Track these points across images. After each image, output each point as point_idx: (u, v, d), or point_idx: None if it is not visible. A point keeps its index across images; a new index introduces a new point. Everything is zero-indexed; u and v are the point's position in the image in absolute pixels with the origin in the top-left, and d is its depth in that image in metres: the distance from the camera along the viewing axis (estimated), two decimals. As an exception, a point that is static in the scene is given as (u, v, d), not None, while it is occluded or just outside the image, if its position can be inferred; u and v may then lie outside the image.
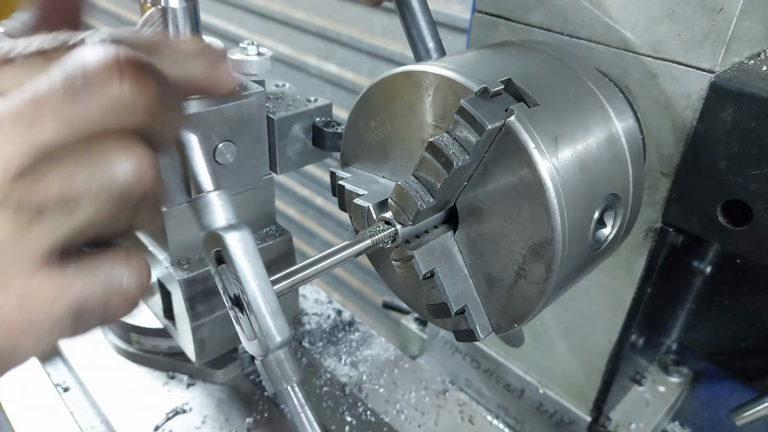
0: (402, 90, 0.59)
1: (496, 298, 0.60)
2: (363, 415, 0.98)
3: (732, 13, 0.59)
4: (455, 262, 0.60)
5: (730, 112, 0.62)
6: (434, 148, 0.52)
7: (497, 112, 0.52)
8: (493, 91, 0.53)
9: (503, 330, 0.62)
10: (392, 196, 0.55)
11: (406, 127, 0.60)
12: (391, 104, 0.60)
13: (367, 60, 2.34)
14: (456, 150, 0.52)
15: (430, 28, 0.66)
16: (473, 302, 0.61)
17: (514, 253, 0.57)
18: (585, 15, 0.70)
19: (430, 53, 0.66)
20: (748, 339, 0.92)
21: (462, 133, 0.51)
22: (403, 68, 0.59)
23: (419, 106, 0.58)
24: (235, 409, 0.99)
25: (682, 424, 1.04)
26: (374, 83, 0.61)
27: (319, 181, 2.81)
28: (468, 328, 0.60)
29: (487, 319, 0.62)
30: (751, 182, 0.62)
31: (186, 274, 0.84)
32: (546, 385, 0.96)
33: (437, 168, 0.52)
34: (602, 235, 0.63)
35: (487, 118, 0.50)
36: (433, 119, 0.57)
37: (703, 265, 0.90)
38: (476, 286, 0.61)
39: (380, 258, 0.70)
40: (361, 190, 0.62)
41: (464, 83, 0.53)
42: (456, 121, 0.51)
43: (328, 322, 1.19)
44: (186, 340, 0.91)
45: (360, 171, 0.67)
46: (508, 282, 0.58)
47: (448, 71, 0.55)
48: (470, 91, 0.53)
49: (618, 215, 0.64)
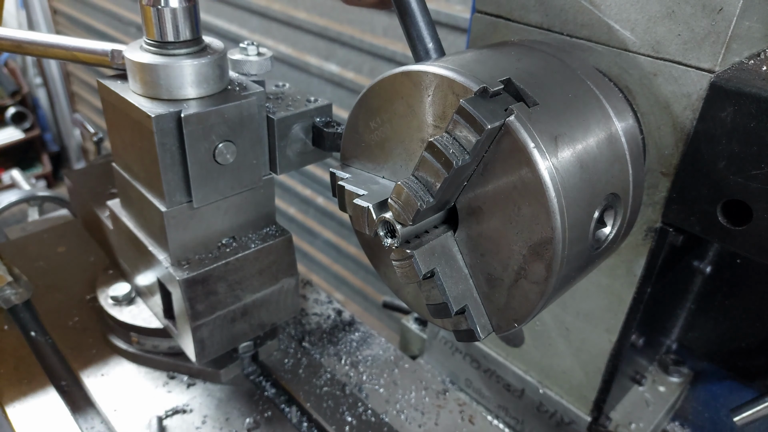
0: (402, 90, 0.59)
1: (497, 297, 0.60)
2: (363, 415, 0.98)
3: (732, 13, 0.59)
4: (455, 262, 0.60)
5: (730, 112, 0.61)
6: (434, 148, 0.52)
7: (497, 112, 0.52)
8: (492, 90, 0.53)
9: (503, 330, 0.62)
10: (392, 196, 0.55)
11: (405, 127, 0.60)
12: (391, 104, 0.60)
13: (369, 60, 2.34)
14: (456, 150, 0.51)
15: (429, 28, 0.67)
16: (473, 302, 0.61)
17: (514, 252, 0.57)
18: (585, 15, 0.70)
19: (429, 53, 0.67)
20: (748, 339, 0.92)
21: (462, 133, 0.51)
22: (403, 68, 0.59)
23: (419, 106, 0.58)
24: (235, 409, 0.99)
25: (682, 424, 1.04)
26: (373, 83, 0.61)
27: (320, 180, 2.81)
28: (468, 328, 0.60)
29: (488, 319, 0.61)
30: (751, 182, 0.62)
31: (186, 274, 0.84)
32: (546, 385, 0.96)
33: (437, 168, 0.52)
34: (602, 234, 0.63)
35: (486, 118, 0.50)
36: (432, 119, 0.57)
37: (703, 265, 0.90)
38: (476, 285, 0.61)
39: (380, 257, 0.70)
40: (360, 191, 0.62)
41: (464, 83, 0.54)
42: (455, 121, 0.51)
43: (328, 322, 1.19)
44: (186, 340, 0.91)
45: (360, 171, 0.67)
46: (509, 281, 0.58)
47: (447, 71, 0.55)
48: (470, 90, 0.53)
49: (618, 214, 0.64)
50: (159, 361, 1.04)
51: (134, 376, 1.03)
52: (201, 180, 0.80)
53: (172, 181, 0.80)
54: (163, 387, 1.02)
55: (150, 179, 0.83)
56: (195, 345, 0.89)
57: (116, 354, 1.07)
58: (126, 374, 1.04)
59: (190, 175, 0.79)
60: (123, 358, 1.06)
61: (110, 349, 1.07)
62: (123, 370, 1.04)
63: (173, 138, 0.76)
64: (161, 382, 1.03)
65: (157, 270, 0.90)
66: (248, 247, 0.90)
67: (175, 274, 0.84)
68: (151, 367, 1.05)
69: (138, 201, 0.89)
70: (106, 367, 1.04)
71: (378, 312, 2.76)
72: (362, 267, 2.81)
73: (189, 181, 0.80)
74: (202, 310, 0.87)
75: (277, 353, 1.09)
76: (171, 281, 0.86)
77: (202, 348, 0.90)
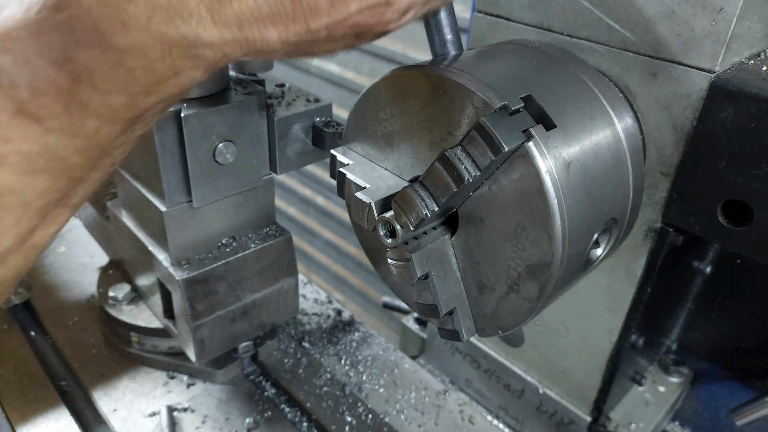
0: (419, 89, 0.57)
1: (485, 304, 0.61)
2: (363, 415, 0.98)
3: (732, 13, 0.59)
4: (449, 265, 0.60)
5: (730, 112, 0.61)
6: (446, 160, 0.51)
7: (515, 133, 0.51)
8: (512, 109, 0.52)
9: (487, 333, 0.63)
10: (397, 200, 0.55)
11: (416, 126, 0.59)
12: (405, 100, 0.59)
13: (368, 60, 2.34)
14: (468, 166, 0.51)
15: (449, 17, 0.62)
16: (462, 305, 0.61)
17: (509, 268, 0.57)
18: (585, 15, 0.70)
19: (446, 45, 0.62)
20: (748, 339, 0.92)
21: (477, 150, 0.51)
22: (423, 67, 0.57)
23: (434, 110, 0.56)
24: (235, 409, 0.99)
25: (682, 424, 1.04)
26: (389, 75, 0.60)
27: (320, 180, 2.81)
28: (453, 328, 0.61)
29: (473, 322, 0.62)
30: (751, 182, 0.62)
31: (186, 274, 0.84)
32: (546, 385, 0.96)
33: (447, 181, 0.52)
34: (594, 254, 0.63)
35: (504, 140, 0.49)
36: (446, 125, 0.56)
37: (703, 265, 0.90)
38: (466, 289, 0.61)
39: (379, 257, 0.70)
40: (363, 182, 0.60)
41: (485, 98, 0.52)
42: (472, 137, 0.50)
43: (328, 322, 1.19)
44: (186, 340, 0.91)
45: (361, 157, 0.65)
46: (500, 293, 0.59)
47: (469, 83, 0.53)
48: (490, 106, 0.52)
49: (612, 236, 0.64)
50: (159, 361, 1.04)
51: (134, 376, 1.03)
52: (201, 180, 0.80)
53: (172, 181, 0.80)
54: (163, 387, 1.02)
55: (150, 179, 0.83)
56: (195, 345, 0.89)
57: (116, 354, 1.07)
58: (126, 374, 1.04)
59: (190, 175, 0.79)
60: (123, 358, 1.06)
61: (110, 349, 1.07)
62: (123, 370, 1.04)
63: (173, 138, 0.76)
64: (161, 382, 1.03)
65: (157, 270, 0.90)
66: (248, 247, 0.90)
67: (175, 273, 0.84)
68: (151, 367, 1.05)
69: (138, 201, 0.89)
70: (106, 367, 1.04)
71: (378, 312, 2.76)
72: (362, 267, 2.81)
73: (189, 180, 0.80)
74: (202, 310, 0.87)
75: (276, 353, 1.09)
76: (171, 281, 0.86)
77: (202, 348, 0.90)
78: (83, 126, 0.44)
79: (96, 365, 1.05)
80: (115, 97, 0.44)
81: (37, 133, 0.42)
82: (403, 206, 0.54)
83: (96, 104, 0.43)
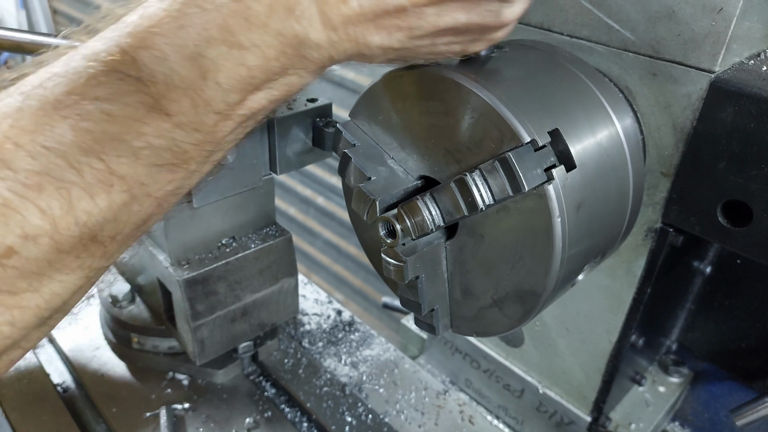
0: (445, 95, 0.55)
1: (466, 309, 0.61)
2: (363, 416, 0.98)
3: (732, 13, 0.59)
4: (439, 268, 0.61)
5: (729, 113, 0.61)
6: (463, 185, 0.51)
7: (538, 171, 0.50)
8: (539, 145, 0.51)
9: (461, 332, 0.64)
10: (404, 207, 0.55)
11: (434, 128, 0.57)
12: (427, 100, 0.56)
13: (368, 60, 2.34)
14: (485, 194, 0.50)
15: None
16: (443, 304, 0.62)
17: (499, 285, 0.57)
18: (585, 15, 0.70)
19: None
20: (748, 339, 0.92)
21: (496, 182, 0.50)
22: (455, 76, 0.54)
23: (456, 119, 0.54)
24: (235, 409, 0.99)
25: (682, 424, 1.04)
26: (416, 71, 0.56)
27: (320, 180, 2.81)
28: (431, 323, 0.62)
29: (450, 320, 0.63)
30: (751, 182, 0.62)
31: (186, 274, 0.84)
32: (546, 385, 0.96)
33: (460, 204, 0.51)
34: (577, 280, 0.64)
35: (527, 179, 0.48)
36: (466, 140, 0.54)
37: (703, 265, 0.90)
38: (451, 290, 0.62)
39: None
40: (368, 171, 0.59)
41: (515, 129, 0.50)
42: (494, 168, 0.50)
43: (328, 322, 1.19)
44: (186, 340, 0.91)
45: (368, 138, 0.63)
46: (483, 303, 0.59)
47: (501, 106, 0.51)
48: (517, 139, 0.50)
49: (596, 265, 0.66)
50: (159, 361, 1.04)
51: (134, 376, 1.03)
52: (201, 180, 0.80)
53: (172, 181, 0.80)
54: (163, 387, 1.02)
55: (150, 179, 0.83)
56: (195, 345, 0.89)
57: (116, 354, 1.07)
58: (126, 374, 1.04)
59: (190, 175, 0.79)
60: (123, 358, 1.06)
61: (110, 349, 1.07)
62: (123, 370, 1.04)
63: (173, 138, 0.76)
64: (161, 382, 1.03)
65: (157, 270, 0.90)
66: (248, 247, 0.90)
67: (175, 274, 0.84)
68: (151, 367, 1.05)
69: (138, 201, 0.89)
70: (105, 366, 1.04)
71: (378, 312, 2.76)
72: (362, 267, 2.81)
73: (189, 181, 0.80)
74: (202, 310, 0.87)
75: (277, 353, 1.09)
76: (171, 281, 0.86)
77: (202, 348, 0.90)
78: (204, 121, 0.45)
79: (96, 365, 1.05)
80: (233, 94, 0.45)
81: (167, 128, 0.44)
82: (410, 214, 0.54)
83: (217, 100, 0.45)
